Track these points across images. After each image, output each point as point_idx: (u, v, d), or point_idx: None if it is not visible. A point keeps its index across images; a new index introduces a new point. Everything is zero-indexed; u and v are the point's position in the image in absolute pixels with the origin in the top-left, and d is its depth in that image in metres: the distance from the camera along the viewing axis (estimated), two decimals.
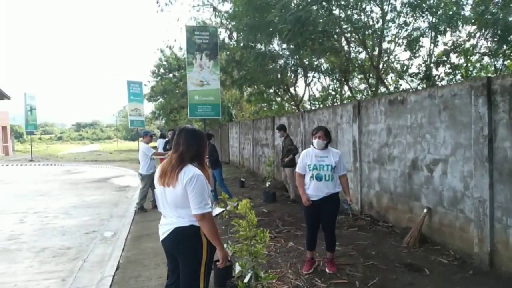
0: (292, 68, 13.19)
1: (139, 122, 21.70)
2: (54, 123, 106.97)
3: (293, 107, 16.13)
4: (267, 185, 8.89)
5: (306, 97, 16.21)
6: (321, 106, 14.77)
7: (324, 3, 9.27)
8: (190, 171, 2.41)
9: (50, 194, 11.36)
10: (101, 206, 9.02)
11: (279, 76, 13.17)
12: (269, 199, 8.20)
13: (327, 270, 4.14)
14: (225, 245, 2.65)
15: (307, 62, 12.49)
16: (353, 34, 10.92)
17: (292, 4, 9.21)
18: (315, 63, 12.57)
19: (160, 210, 2.62)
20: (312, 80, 14.51)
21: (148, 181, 7.72)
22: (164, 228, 2.54)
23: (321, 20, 9.00)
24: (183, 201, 2.40)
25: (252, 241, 2.91)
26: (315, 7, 9.05)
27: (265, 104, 18.56)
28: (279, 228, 5.98)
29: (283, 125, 8.68)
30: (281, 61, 12.73)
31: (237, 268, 3.06)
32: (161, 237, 2.57)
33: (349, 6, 9.93)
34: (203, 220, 2.38)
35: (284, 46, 11.88)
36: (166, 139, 11.54)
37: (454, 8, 9.18)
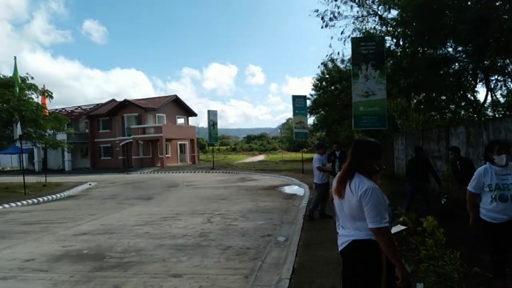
0: (470, 72, 11.78)
1: (303, 134, 22.65)
2: (229, 136, 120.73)
3: (472, 115, 14.28)
4: (442, 202, 8.11)
5: (487, 103, 14.17)
6: (508, 113, 12.67)
7: None
8: (365, 183, 2.39)
9: (229, 199, 12.91)
10: (272, 212, 9.78)
11: (454, 81, 11.92)
12: (445, 217, 7.45)
13: None
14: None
15: (489, 64, 10.97)
16: None
17: (469, 3, 8.31)
18: (500, 64, 10.94)
19: (338, 220, 2.66)
20: (496, 83, 12.63)
21: (321, 190, 8.02)
22: (342, 239, 2.56)
23: (506, 16, 7.84)
24: (359, 213, 2.40)
25: (439, 262, 2.72)
26: (498, 3, 7.95)
27: (435, 112, 16.95)
28: (460, 250, 5.38)
29: (457, 147, 7.91)
30: (456, 65, 11.52)
31: None
32: (340, 248, 2.60)
33: None
34: (379, 235, 2.34)
35: (460, 48, 10.74)
36: (334, 151, 11.69)
37: None
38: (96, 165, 39.09)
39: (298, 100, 22.21)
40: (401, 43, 13.41)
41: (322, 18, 15.39)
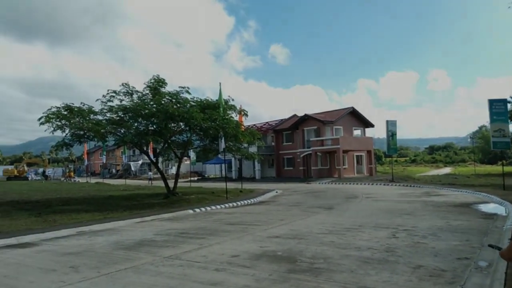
0: None
1: (503, 144, 19.50)
2: (408, 146, 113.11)
3: None
4: None
5: None
6: None
7: None
8: None
9: (414, 214, 12.15)
10: (468, 233, 8.74)
11: None
12: None
13: None
14: None
15: None
16: None
17: None
18: None
19: None
20: None
21: None
22: None
23: None
24: None
25: None
26: None
27: None
28: None
29: None
30: None
31: None
32: None
33: None
34: None
35: None
36: None
37: None
38: (280, 175, 42.76)
39: (496, 105, 19.24)
40: None
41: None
